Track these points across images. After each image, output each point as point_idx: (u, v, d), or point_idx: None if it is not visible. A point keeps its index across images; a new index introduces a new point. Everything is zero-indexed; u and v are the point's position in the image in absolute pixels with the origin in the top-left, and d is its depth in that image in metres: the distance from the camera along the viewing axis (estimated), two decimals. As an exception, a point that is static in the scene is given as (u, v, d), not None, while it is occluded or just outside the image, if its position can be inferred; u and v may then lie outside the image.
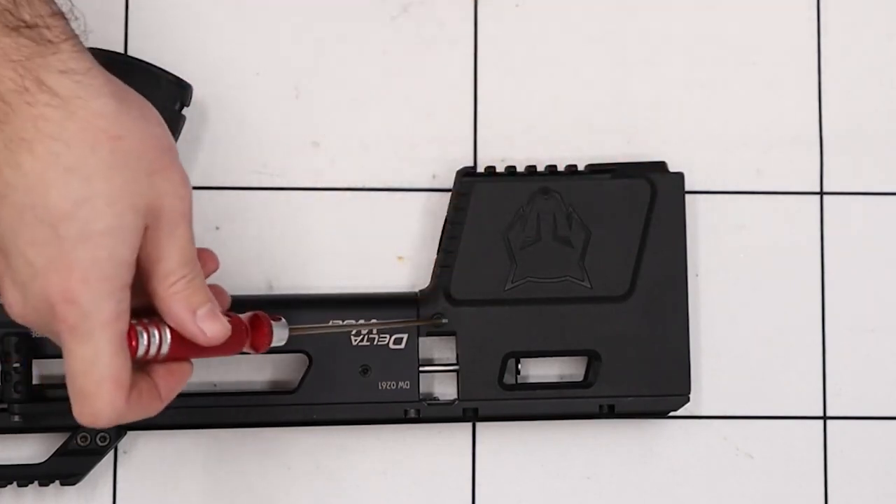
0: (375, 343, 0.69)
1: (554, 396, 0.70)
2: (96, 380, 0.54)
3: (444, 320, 0.69)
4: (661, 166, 0.71)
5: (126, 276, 0.53)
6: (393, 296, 0.71)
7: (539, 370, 0.72)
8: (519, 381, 0.71)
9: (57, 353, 0.67)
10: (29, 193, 0.52)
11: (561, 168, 0.71)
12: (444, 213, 0.71)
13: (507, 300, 0.70)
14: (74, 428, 0.68)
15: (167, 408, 0.68)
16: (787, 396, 0.73)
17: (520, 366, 0.70)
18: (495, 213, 0.70)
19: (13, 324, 0.67)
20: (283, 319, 0.62)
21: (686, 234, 0.71)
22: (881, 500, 0.73)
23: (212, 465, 0.71)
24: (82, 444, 0.68)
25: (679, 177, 0.71)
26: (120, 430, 0.69)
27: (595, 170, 0.71)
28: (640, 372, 0.70)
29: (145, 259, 0.55)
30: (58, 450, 0.68)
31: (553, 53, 0.74)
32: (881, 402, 0.74)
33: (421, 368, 0.69)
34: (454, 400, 0.70)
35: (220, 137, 0.72)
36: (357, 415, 0.69)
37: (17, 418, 0.67)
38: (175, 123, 0.67)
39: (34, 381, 0.68)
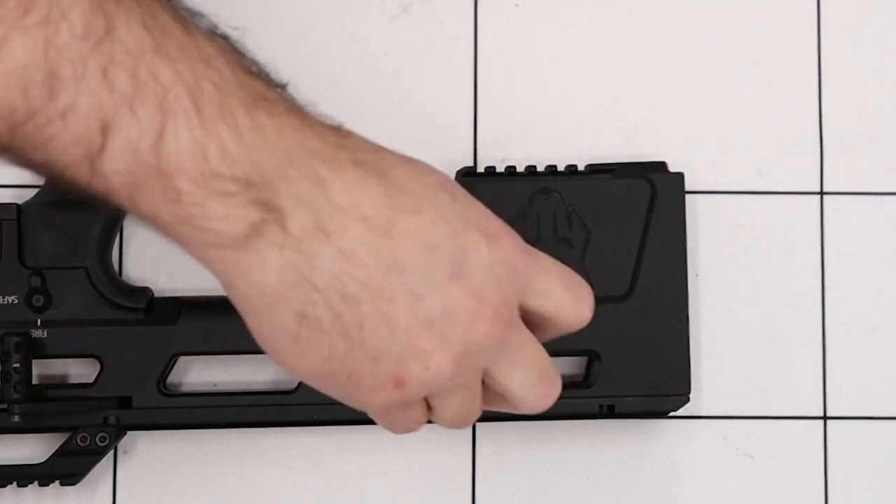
0: (375, 343, 0.69)
1: (554, 396, 0.70)
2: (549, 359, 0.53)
3: None
4: (661, 166, 0.71)
5: None
6: (393, 296, 0.71)
7: (539, 370, 0.72)
8: (519, 381, 0.71)
9: (56, 353, 0.68)
10: (425, 195, 0.49)
11: (561, 168, 0.71)
12: (444, 213, 0.71)
13: (507, 300, 0.70)
14: (74, 428, 0.68)
15: (167, 408, 0.69)
16: (787, 396, 0.73)
17: (520, 366, 0.70)
18: (495, 213, 0.70)
19: (13, 323, 0.68)
20: None
21: (686, 234, 0.71)
22: (881, 500, 0.73)
23: (212, 465, 0.71)
24: (82, 444, 0.68)
25: (679, 177, 0.71)
26: (119, 431, 0.69)
27: (595, 170, 0.71)
28: (640, 372, 0.70)
29: None
30: (58, 450, 0.68)
31: (553, 53, 0.74)
32: (881, 402, 0.74)
33: (421, 368, 0.69)
34: (454, 400, 0.70)
35: (220, 137, 0.72)
36: (357, 415, 0.68)
37: (17, 418, 0.67)
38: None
39: (34, 381, 0.68)
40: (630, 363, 0.70)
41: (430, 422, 0.55)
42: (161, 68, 0.41)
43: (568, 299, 0.52)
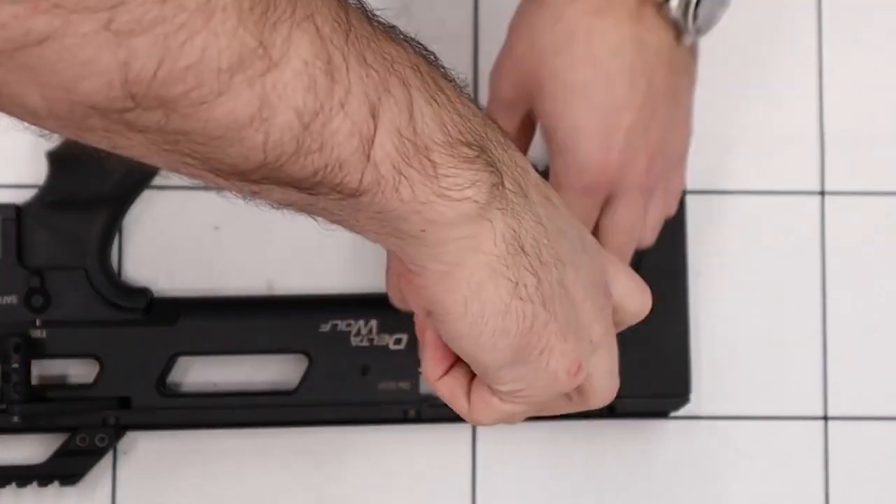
0: (375, 343, 0.69)
1: (554, 396, 0.70)
2: None
3: None
4: (661, 166, 0.71)
5: None
6: (393, 296, 0.71)
7: (539, 370, 0.72)
8: (519, 382, 0.71)
9: (56, 354, 0.68)
10: None
11: (561, 168, 0.71)
12: (444, 213, 0.71)
13: (507, 300, 0.70)
14: (74, 428, 0.68)
15: (167, 408, 0.69)
16: (787, 396, 0.73)
17: (520, 366, 0.70)
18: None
19: (13, 324, 0.68)
20: None
21: (686, 233, 0.71)
22: (882, 500, 0.73)
23: (212, 465, 0.71)
24: (82, 444, 0.68)
25: (679, 177, 0.71)
26: (119, 431, 0.69)
27: (595, 170, 0.71)
28: (640, 372, 0.70)
29: None
30: (57, 450, 0.68)
31: (553, 53, 0.74)
32: (881, 402, 0.74)
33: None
34: (454, 400, 0.70)
35: (219, 137, 0.72)
36: (357, 415, 0.69)
37: (16, 418, 0.67)
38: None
39: (34, 382, 0.68)
40: (630, 363, 0.70)
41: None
42: (389, 49, 0.43)
43: (633, 286, 0.53)
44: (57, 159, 0.68)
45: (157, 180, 0.70)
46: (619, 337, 0.69)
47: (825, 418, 0.73)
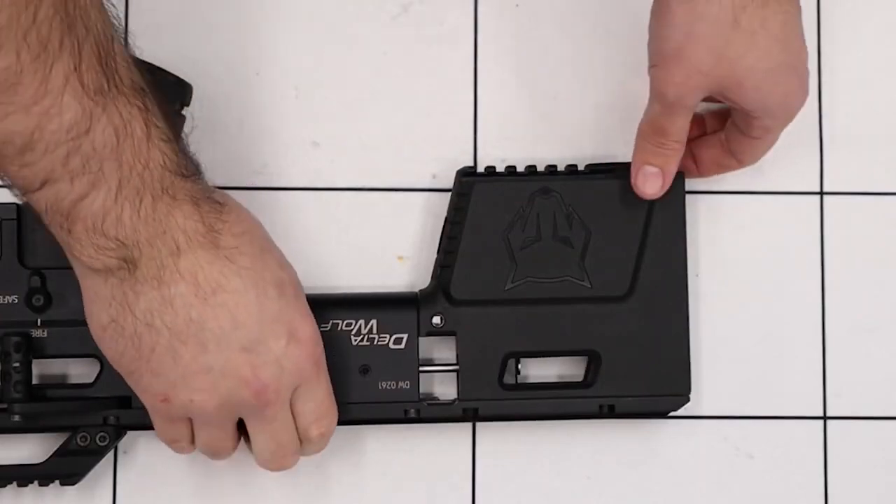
0: (375, 343, 0.69)
1: (554, 396, 0.70)
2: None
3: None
4: (661, 166, 0.71)
5: None
6: (393, 296, 0.71)
7: (539, 370, 0.72)
8: (519, 381, 0.71)
9: (56, 353, 0.68)
10: (256, 285, 0.62)
11: (561, 168, 0.71)
12: (444, 213, 0.71)
13: (507, 300, 0.70)
14: (74, 428, 0.68)
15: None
16: (787, 396, 0.73)
17: (520, 366, 0.70)
18: (495, 213, 0.70)
19: (13, 323, 0.68)
20: None
21: (686, 234, 0.71)
22: (881, 500, 0.73)
23: (212, 465, 0.71)
24: (82, 444, 0.68)
25: (679, 177, 0.71)
26: (119, 431, 0.69)
27: (595, 170, 0.71)
28: (640, 372, 0.70)
29: None
30: (58, 450, 0.68)
31: (553, 53, 0.74)
32: (881, 402, 0.74)
33: (421, 368, 0.69)
34: (454, 400, 0.70)
35: (220, 137, 0.72)
36: (357, 415, 0.69)
37: (17, 418, 0.67)
38: (175, 123, 0.67)
39: (34, 381, 0.68)
40: (630, 363, 0.70)
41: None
42: (107, 163, 0.57)
43: (310, 419, 0.65)
44: (57, 159, 0.68)
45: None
46: (621, 337, 0.70)
47: (825, 418, 0.74)
